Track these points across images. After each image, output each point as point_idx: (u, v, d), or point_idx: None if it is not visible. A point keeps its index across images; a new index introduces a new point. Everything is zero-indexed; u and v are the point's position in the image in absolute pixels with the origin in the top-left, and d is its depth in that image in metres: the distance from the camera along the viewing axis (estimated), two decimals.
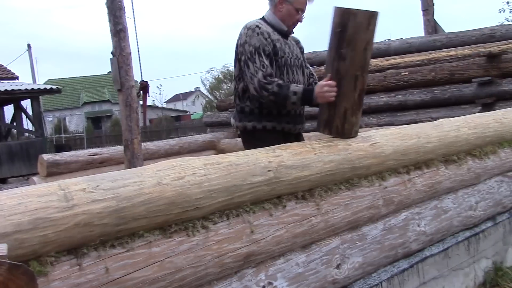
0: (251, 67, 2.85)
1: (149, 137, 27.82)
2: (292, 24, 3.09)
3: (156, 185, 1.70)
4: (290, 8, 3.01)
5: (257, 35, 2.89)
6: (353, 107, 2.62)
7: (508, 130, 3.75)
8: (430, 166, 3.00)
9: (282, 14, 3.03)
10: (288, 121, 3.06)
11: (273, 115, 3.00)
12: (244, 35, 2.94)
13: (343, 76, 2.57)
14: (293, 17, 3.05)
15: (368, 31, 2.53)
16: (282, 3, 3.01)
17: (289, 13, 3.03)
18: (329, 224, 2.31)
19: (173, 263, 1.71)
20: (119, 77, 5.20)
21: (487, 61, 6.44)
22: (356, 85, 2.58)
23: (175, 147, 8.10)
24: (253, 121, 3.02)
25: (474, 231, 3.24)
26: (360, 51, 2.54)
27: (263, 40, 2.89)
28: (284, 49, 2.99)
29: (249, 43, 2.89)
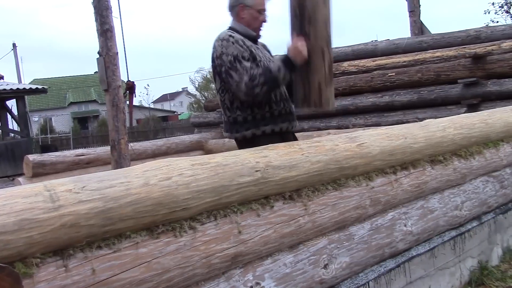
0: (234, 76, 2.84)
1: (136, 138, 27.68)
2: (258, 27, 3.10)
3: (143, 186, 1.70)
4: (252, 11, 3.04)
5: (232, 44, 2.90)
6: (325, 80, 2.73)
7: (493, 130, 3.79)
8: (417, 166, 3.02)
9: (246, 20, 3.05)
10: (283, 120, 3.06)
11: (267, 118, 3.00)
12: (219, 46, 2.93)
13: (311, 52, 2.68)
14: (257, 19, 3.06)
15: (325, 6, 2.70)
16: (243, 10, 3.04)
17: (252, 16, 3.05)
18: (316, 224, 2.31)
19: (160, 264, 1.70)
20: (105, 77, 5.17)
21: (472, 62, 6.50)
22: (324, 58, 2.71)
23: (162, 148, 8.09)
24: (251, 129, 2.99)
25: (460, 230, 3.27)
26: (322, 26, 2.69)
27: (239, 48, 2.89)
28: (259, 54, 3.01)
29: (226, 53, 2.88)
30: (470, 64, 6.52)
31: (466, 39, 7.51)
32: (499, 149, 3.84)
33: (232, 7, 3.08)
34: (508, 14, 16.24)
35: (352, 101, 7.55)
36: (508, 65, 6.25)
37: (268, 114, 2.99)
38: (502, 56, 6.38)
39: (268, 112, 3.00)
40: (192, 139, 8.77)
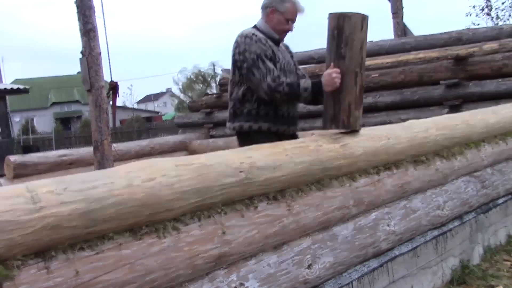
0: (256, 74, 2.99)
1: (120, 138, 27.48)
2: (282, 33, 3.23)
3: (126, 187, 1.68)
4: (281, 18, 3.15)
5: (255, 42, 3.03)
6: (355, 101, 2.82)
7: (475, 131, 3.84)
8: (400, 167, 3.05)
9: (273, 24, 3.17)
10: (283, 122, 3.21)
11: (269, 116, 3.15)
12: (242, 43, 3.07)
13: (344, 73, 2.78)
14: (283, 26, 3.18)
15: (362, 31, 2.79)
16: (273, 13, 3.15)
17: (279, 22, 3.16)
18: (300, 225, 2.32)
19: (143, 265, 1.69)
20: (88, 77, 5.13)
21: (454, 64, 6.57)
22: (357, 81, 2.81)
23: (146, 148, 8.04)
24: (249, 122, 3.15)
25: (442, 230, 3.31)
26: (357, 49, 2.79)
27: (262, 46, 3.03)
28: (279, 55, 3.14)
29: (249, 50, 3.02)
30: (452, 66, 6.58)
31: (448, 41, 7.58)
32: (480, 149, 3.89)
33: (265, 7, 3.20)
34: (489, 17, 16.47)
35: None
36: (489, 66, 6.32)
37: (271, 112, 3.14)
38: (483, 58, 6.45)
39: (272, 111, 3.14)
40: (176, 140, 8.73)
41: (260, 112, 3.15)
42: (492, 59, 6.35)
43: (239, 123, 3.19)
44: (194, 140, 8.78)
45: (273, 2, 3.17)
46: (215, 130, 9.00)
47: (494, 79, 6.20)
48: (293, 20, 3.21)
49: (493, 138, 4.15)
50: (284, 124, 3.22)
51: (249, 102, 3.15)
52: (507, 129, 4.37)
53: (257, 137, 3.04)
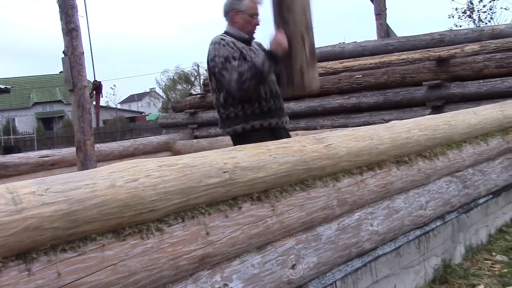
0: (226, 75, 3.11)
1: (103, 139, 27.29)
2: (251, 30, 3.33)
3: (109, 187, 1.67)
4: (245, 16, 3.27)
5: (223, 46, 3.15)
6: (307, 63, 2.94)
7: (456, 132, 3.88)
8: (383, 167, 3.07)
9: (240, 24, 3.29)
10: (272, 116, 3.31)
11: (256, 114, 3.25)
12: (212, 50, 3.20)
13: (291, 38, 2.91)
14: (250, 23, 3.30)
15: None
16: (236, 15, 3.28)
17: (245, 21, 3.28)
18: (284, 225, 2.32)
19: (126, 266, 1.68)
20: (71, 77, 5.08)
21: (436, 65, 6.64)
22: (305, 43, 2.91)
23: (129, 149, 8.00)
24: (241, 123, 3.26)
25: (424, 230, 3.34)
26: (300, 13, 2.91)
27: (230, 49, 3.14)
28: (250, 54, 3.23)
29: (218, 55, 3.15)
30: (434, 67, 6.66)
31: (430, 42, 7.66)
32: (462, 150, 3.93)
33: (227, 13, 3.33)
34: (471, 19, 16.67)
35: (319, 103, 7.62)
36: (470, 68, 6.41)
37: (257, 110, 3.25)
38: (464, 59, 6.54)
39: (257, 108, 3.25)
40: (160, 140, 8.69)
41: (247, 112, 3.24)
42: (473, 61, 6.43)
43: (231, 127, 3.30)
44: (178, 140, 8.75)
45: (232, 5, 3.29)
46: (199, 131, 8.98)
47: (475, 80, 6.29)
48: (256, 14, 3.30)
49: (474, 139, 4.20)
50: (274, 117, 3.33)
51: (232, 106, 3.26)
52: (488, 130, 4.43)
53: (252, 136, 3.17)
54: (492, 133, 4.52)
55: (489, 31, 7.38)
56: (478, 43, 6.87)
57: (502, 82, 6.00)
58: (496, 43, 6.69)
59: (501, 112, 4.72)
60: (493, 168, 4.41)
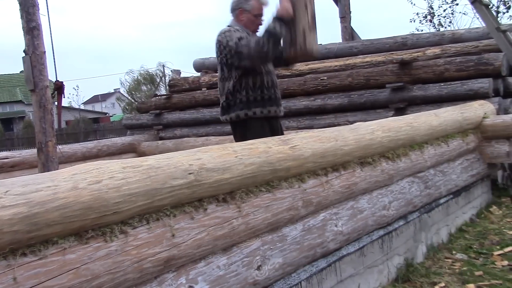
0: (244, 50, 3.38)
1: (66, 140, 26.76)
2: (254, 29, 3.60)
3: (71, 190, 1.64)
4: (249, 15, 3.55)
5: (233, 32, 3.45)
6: (309, 26, 3.30)
7: (418, 133, 3.97)
8: (347, 168, 3.11)
9: (244, 22, 3.56)
10: (271, 104, 3.60)
11: (258, 101, 3.53)
12: (223, 38, 3.47)
13: (295, 4, 3.27)
14: (254, 22, 3.58)
15: None
16: (242, 13, 3.55)
17: (249, 20, 3.55)
18: (250, 226, 2.33)
19: (89, 270, 1.65)
20: (32, 77, 4.95)
21: (399, 68, 6.76)
22: (307, 9, 3.29)
23: (93, 150, 7.85)
24: (244, 109, 3.53)
25: (387, 229, 3.40)
26: None
27: (240, 32, 3.45)
28: None
29: (231, 39, 3.43)
30: (397, 70, 6.77)
31: (393, 46, 7.79)
32: (423, 151, 4.02)
33: (233, 10, 3.59)
34: (432, 24, 17.05)
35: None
36: (432, 71, 6.54)
37: (259, 97, 3.54)
38: (426, 63, 6.67)
39: (259, 95, 3.54)
40: (125, 142, 8.57)
41: (250, 98, 3.52)
42: (434, 64, 6.58)
43: (234, 112, 3.56)
44: (143, 142, 8.65)
45: (239, 4, 3.55)
46: (164, 132, 8.90)
47: (436, 83, 6.43)
48: (261, 15, 3.57)
49: (435, 140, 4.30)
50: (273, 105, 3.63)
51: (239, 93, 3.53)
52: (448, 132, 4.54)
53: (252, 124, 3.53)
54: (452, 135, 4.63)
55: (450, 35, 7.56)
56: (439, 47, 7.03)
57: (462, 85, 6.15)
58: (456, 47, 6.86)
59: (461, 114, 4.84)
60: (454, 169, 4.53)
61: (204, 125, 8.44)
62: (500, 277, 3.38)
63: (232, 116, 3.56)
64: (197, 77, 9.45)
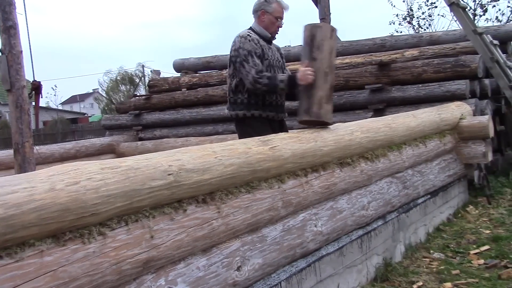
0: (246, 67, 3.57)
1: (43, 141, 26.40)
2: (274, 31, 3.79)
3: (48, 191, 1.62)
4: (271, 17, 3.73)
5: (249, 41, 3.62)
6: (326, 97, 3.31)
7: (397, 134, 4.01)
8: (326, 169, 3.13)
9: (265, 24, 3.75)
10: (271, 110, 3.77)
11: (258, 104, 3.71)
12: (238, 42, 3.66)
13: (316, 73, 3.29)
14: (274, 24, 3.76)
15: (331, 39, 3.33)
16: (264, 15, 3.73)
17: (270, 21, 3.74)
18: (229, 227, 2.32)
19: (67, 272, 1.63)
20: (8, 77, 4.87)
21: (378, 69, 6.82)
22: (327, 79, 3.31)
23: (71, 151, 7.77)
24: (243, 110, 3.72)
25: (366, 229, 3.43)
26: (327, 53, 3.31)
27: (254, 45, 3.63)
28: (268, 53, 3.72)
29: (243, 47, 3.61)
30: (376, 71, 6.83)
31: (372, 47, 7.86)
32: (402, 151, 4.06)
33: (256, 11, 3.78)
34: (410, 25, 17.26)
35: None
36: (410, 72, 6.62)
37: (260, 102, 3.71)
38: (404, 64, 6.75)
39: (260, 100, 3.71)
40: (103, 142, 8.49)
41: (251, 101, 3.70)
42: (412, 65, 6.66)
43: (235, 111, 3.76)
44: (122, 142, 8.58)
45: (261, 6, 3.73)
46: (143, 132, 8.84)
47: (414, 84, 6.51)
48: (281, 17, 3.76)
49: (413, 141, 4.35)
50: (272, 111, 3.78)
51: (241, 93, 3.72)
52: (426, 132, 4.60)
53: (252, 122, 3.72)
54: (430, 136, 4.70)
55: (428, 37, 7.66)
56: (417, 49, 7.12)
57: (439, 86, 6.24)
58: (434, 49, 6.96)
59: (438, 115, 4.91)
60: (431, 169, 4.59)
61: (184, 125, 8.41)
62: (477, 275, 3.44)
63: (233, 114, 3.79)
64: (177, 78, 9.42)
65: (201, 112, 8.23)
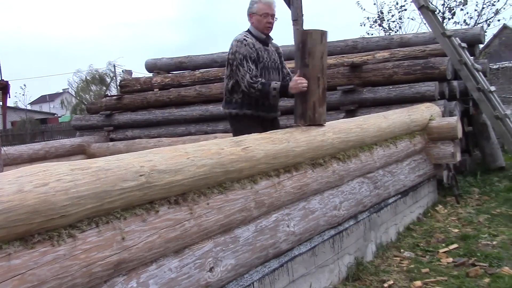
0: (241, 70, 3.75)
1: (11, 141, 25.82)
2: (263, 27, 3.89)
3: (16, 193, 1.58)
4: (258, 17, 3.87)
5: (244, 45, 3.78)
6: (319, 101, 3.45)
7: (368, 135, 4.05)
8: (299, 169, 3.14)
9: (255, 24, 3.90)
10: (263, 110, 3.93)
11: (251, 104, 3.87)
12: (234, 46, 3.81)
13: (309, 78, 3.42)
14: (261, 22, 3.87)
15: (321, 44, 3.42)
16: (252, 17, 3.91)
17: (258, 21, 3.88)
18: (202, 228, 2.32)
19: (35, 275, 1.60)
20: None
21: (350, 71, 6.89)
22: (319, 84, 3.45)
23: (40, 152, 7.63)
24: (236, 109, 3.92)
25: (338, 229, 3.45)
26: (318, 59, 3.43)
27: (249, 49, 3.78)
28: (264, 55, 3.88)
29: (239, 52, 3.77)
30: (348, 72, 6.90)
31: (344, 49, 7.94)
32: (373, 152, 4.11)
33: (248, 15, 3.94)
34: (381, 28, 17.44)
35: None
36: (381, 74, 6.71)
37: (253, 102, 3.86)
38: (376, 66, 6.83)
39: (253, 101, 3.85)
40: (74, 143, 8.36)
41: (244, 101, 3.88)
42: (383, 67, 6.74)
43: (229, 110, 3.96)
44: (93, 143, 8.46)
45: (248, 9, 3.91)
46: (115, 133, 8.74)
47: (385, 86, 6.59)
48: (267, 14, 3.86)
49: (384, 142, 4.41)
50: (264, 111, 3.93)
51: (236, 93, 3.90)
52: (397, 133, 4.67)
53: (243, 119, 3.89)
54: (400, 136, 4.76)
55: (398, 39, 7.77)
56: (388, 51, 7.22)
57: (410, 88, 6.33)
58: (405, 51, 7.07)
59: (408, 116, 4.99)
60: (402, 169, 4.66)
61: (156, 126, 8.35)
62: (445, 273, 3.50)
63: (227, 112, 3.98)
64: (149, 78, 9.33)
65: (173, 113, 8.18)
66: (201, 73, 8.64)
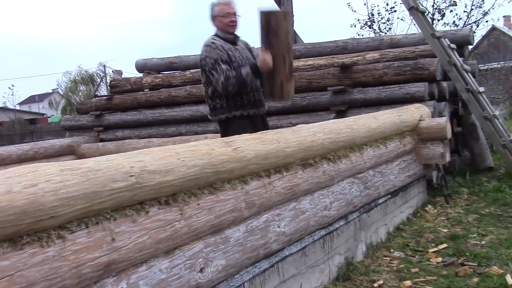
0: (215, 75, 3.75)
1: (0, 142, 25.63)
2: (227, 27, 3.89)
3: (5, 194, 1.57)
4: (220, 18, 3.88)
5: (213, 49, 3.78)
6: (286, 78, 3.55)
7: (358, 135, 4.07)
8: (289, 170, 3.15)
9: (219, 27, 3.92)
10: (251, 107, 3.92)
11: (238, 105, 3.86)
12: (204, 51, 3.83)
13: (274, 57, 3.48)
14: (223, 22, 3.88)
15: (285, 21, 3.49)
16: (215, 20, 3.92)
17: (220, 22, 3.89)
18: (192, 229, 2.31)
19: (24, 277, 1.59)
20: None
21: (340, 71, 6.91)
22: (285, 62, 3.51)
23: (29, 152, 7.58)
24: (225, 113, 3.87)
25: (328, 229, 3.46)
26: (283, 37, 3.48)
27: (219, 52, 3.77)
28: (235, 55, 3.85)
29: (209, 56, 3.78)
30: (338, 73, 6.92)
31: (335, 49, 7.96)
32: (363, 152, 4.13)
33: (211, 21, 3.94)
34: (371, 29, 17.52)
35: None
36: (371, 75, 6.73)
37: (239, 102, 3.86)
38: (366, 67, 6.86)
39: (239, 101, 3.86)
40: (63, 144, 8.30)
41: (230, 103, 3.85)
42: (373, 68, 6.77)
43: (217, 116, 3.92)
44: (83, 143, 8.41)
45: (210, 15, 3.91)
46: (105, 134, 8.70)
47: (376, 86, 6.62)
48: (229, 13, 3.87)
49: (374, 142, 4.42)
50: (253, 108, 3.93)
51: (218, 98, 3.87)
52: (387, 134, 4.69)
53: (235, 122, 3.85)
54: (390, 137, 4.79)
55: (388, 40, 7.81)
56: (378, 52, 7.25)
57: (400, 88, 6.37)
58: (395, 52, 7.10)
59: (398, 117, 5.01)
60: (392, 170, 4.68)
61: (146, 126, 8.32)
62: (435, 273, 3.52)
63: (216, 118, 3.94)
64: (140, 78, 9.30)
65: (163, 113, 8.16)
66: (192, 73, 8.62)
